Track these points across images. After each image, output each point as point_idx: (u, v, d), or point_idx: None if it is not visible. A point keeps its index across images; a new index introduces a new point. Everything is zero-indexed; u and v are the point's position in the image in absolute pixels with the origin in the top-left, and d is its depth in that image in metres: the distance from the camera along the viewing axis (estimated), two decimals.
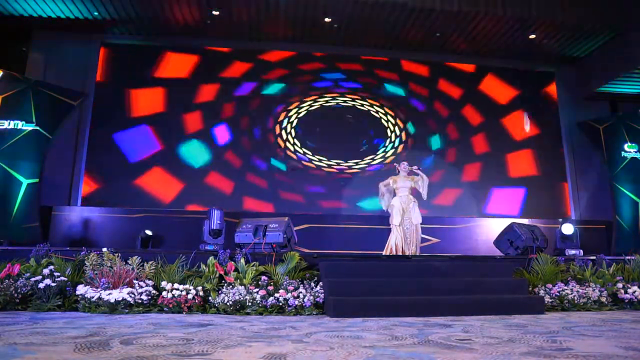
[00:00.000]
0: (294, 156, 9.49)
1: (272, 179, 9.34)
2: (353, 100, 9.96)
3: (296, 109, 9.78)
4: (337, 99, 9.91)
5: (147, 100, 9.38)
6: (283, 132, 9.61)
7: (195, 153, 9.26)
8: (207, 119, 9.46)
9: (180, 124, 9.36)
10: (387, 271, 5.17)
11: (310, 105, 9.81)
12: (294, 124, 9.68)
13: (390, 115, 10.00)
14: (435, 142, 9.99)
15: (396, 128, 9.93)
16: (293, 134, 9.64)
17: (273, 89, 9.82)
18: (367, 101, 9.99)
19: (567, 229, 7.74)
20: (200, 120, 9.44)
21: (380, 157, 9.73)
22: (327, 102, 9.88)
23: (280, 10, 8.64)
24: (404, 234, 6.73)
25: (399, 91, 10.16)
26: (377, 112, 9.97)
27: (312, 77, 9.98)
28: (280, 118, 9.68)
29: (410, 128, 9.99)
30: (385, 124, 9.93)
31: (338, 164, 9.56)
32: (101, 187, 8.83)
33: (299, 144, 9.57)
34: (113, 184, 8.86)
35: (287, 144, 9.56)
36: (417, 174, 6.99)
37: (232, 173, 9.26)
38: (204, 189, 9.07)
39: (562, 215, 9.72)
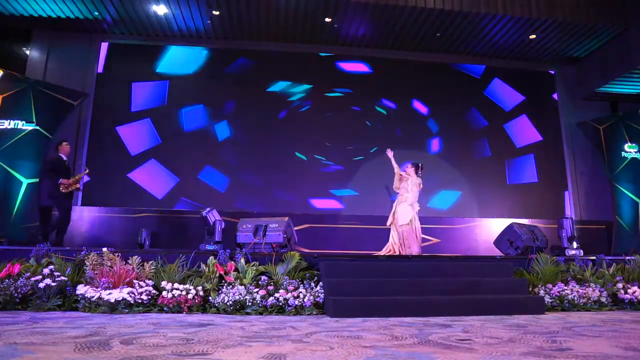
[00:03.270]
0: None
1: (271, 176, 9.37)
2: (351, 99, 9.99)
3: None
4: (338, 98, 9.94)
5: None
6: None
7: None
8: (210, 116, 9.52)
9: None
10: (387, 271, 5.16)
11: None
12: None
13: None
14: (434, 144, 10.02)
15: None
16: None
17: (277, 87, 9.85)
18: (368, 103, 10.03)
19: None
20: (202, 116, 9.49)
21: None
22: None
23: (281, 9, 8.66)
24: (397, 234, 6.84)
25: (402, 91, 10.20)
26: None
27: (316, 75, 10.03)
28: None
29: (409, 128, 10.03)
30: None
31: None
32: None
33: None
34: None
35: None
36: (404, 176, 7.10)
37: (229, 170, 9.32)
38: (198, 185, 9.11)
39: (561, 215, 9.74)
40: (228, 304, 4.51)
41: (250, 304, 4.54)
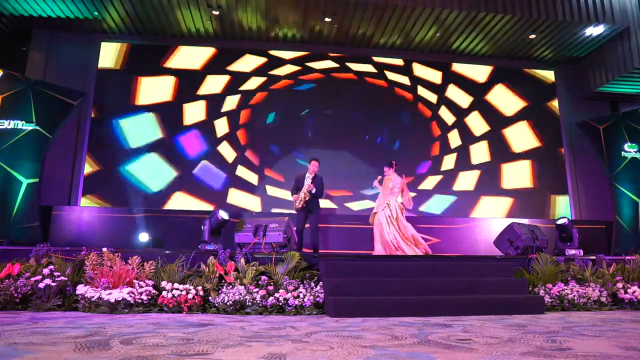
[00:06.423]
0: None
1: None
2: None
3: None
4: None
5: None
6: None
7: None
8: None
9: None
10: (387, 271, 5.17)
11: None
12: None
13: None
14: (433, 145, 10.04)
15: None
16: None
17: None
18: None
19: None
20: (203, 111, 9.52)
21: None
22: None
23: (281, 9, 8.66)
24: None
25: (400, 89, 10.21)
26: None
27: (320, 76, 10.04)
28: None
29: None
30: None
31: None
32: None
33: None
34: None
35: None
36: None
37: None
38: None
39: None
40: (228, 304, 4.51)
41: (250, 304, 4.54)
